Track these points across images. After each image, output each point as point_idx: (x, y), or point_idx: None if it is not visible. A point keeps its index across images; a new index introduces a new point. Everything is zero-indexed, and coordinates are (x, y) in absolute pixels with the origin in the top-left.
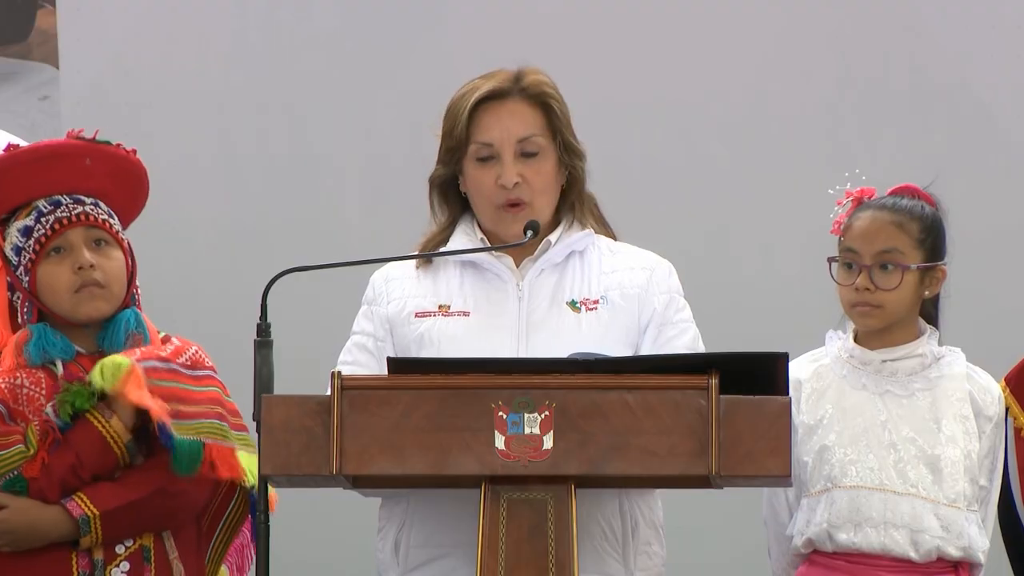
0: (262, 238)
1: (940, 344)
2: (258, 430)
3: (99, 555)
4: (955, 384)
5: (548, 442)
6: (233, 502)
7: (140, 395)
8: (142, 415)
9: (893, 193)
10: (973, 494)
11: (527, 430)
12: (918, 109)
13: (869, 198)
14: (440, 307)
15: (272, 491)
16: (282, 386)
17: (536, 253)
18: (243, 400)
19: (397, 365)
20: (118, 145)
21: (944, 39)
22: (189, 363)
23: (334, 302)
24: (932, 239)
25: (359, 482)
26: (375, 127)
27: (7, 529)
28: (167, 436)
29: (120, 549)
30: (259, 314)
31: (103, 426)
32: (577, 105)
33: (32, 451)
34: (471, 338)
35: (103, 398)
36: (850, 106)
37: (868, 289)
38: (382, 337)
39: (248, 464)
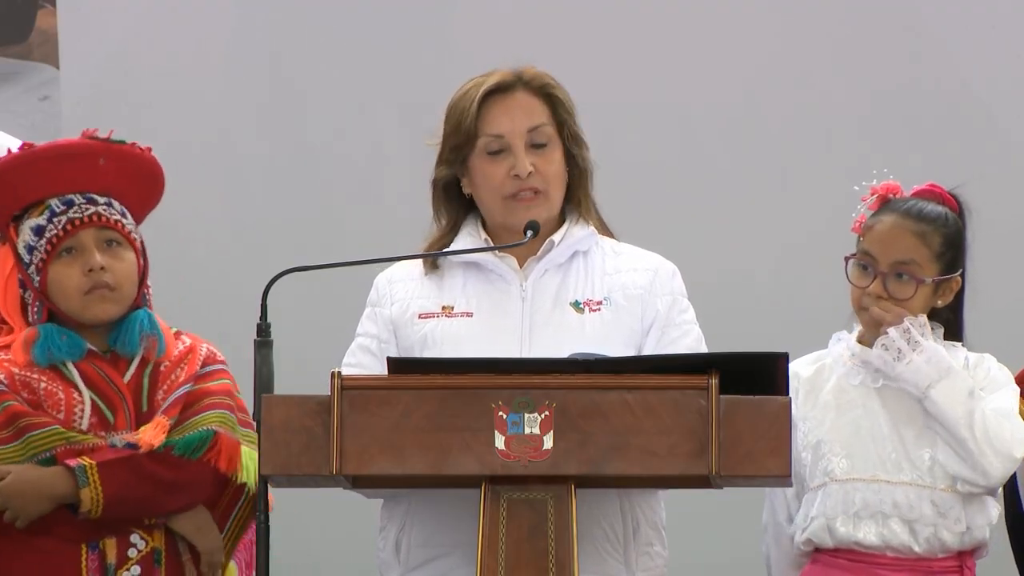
0: (262, 238)
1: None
2: (258, 430)
3: (112, 559)
4: None
5: (548, 442)
6: (242, 500)
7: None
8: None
9: (917, 195)
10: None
11: (527, 430)
12: (918, 109)
13: (895, 195)
14: (443, 308)
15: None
16: (282, 386)
17: (539, 253)
18: (243, 400)
19: (397, 365)
20: (133, 144)
21: (944, 39)
22: (203, 360)
23: (334, 302)
24: (952, 252)
25: (359, 482)
26: (375, 127)
27: (11, 493)
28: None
29: (132, 552)
30: (259, 314)
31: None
32: (577, 105)
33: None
34: (474, 339)
35: None
36: (851, 106)
37: (880, 296)
38: (386, 339)
39: (250, 461)
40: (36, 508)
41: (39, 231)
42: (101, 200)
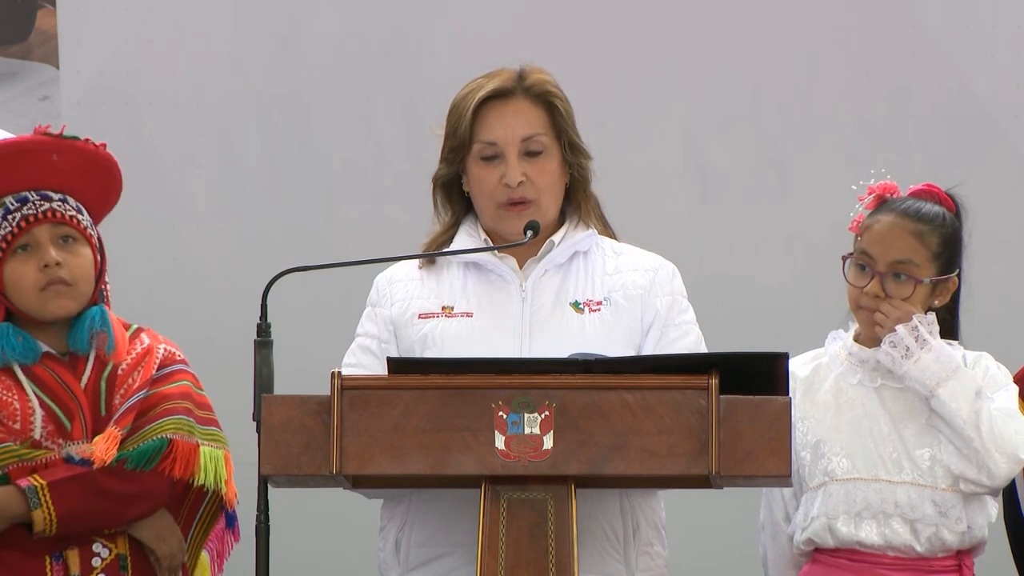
0: (262, 238)
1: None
2: (258, 430)
3: (76, 569)
4: None
5: (548, 442)
6: (205, 501)
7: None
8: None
9: (915, 194)
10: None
11: (527, 430)
12: (918, 109)
13: (892, 195)
14: (443, 308)
15: (232, 487)
16: (282, 386)
17: (540, 254)
18: (243, 400)
19: (397, 365)
20: (87, 140)
21: (944, 39)
22: (160, 362)
23: (334, 302)
24: (949, 252)
25: (359, 482)
26: (375, 127)
27: None
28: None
29: (96, 562)
30: (259, 314)
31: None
32: (577, 105)
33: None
34: (474, 339)
35: None
36: (851, 106)
37: (878, 296)
38: (386, 339)
39: (211, 460)
40: None
41: None
42: (56, 197)
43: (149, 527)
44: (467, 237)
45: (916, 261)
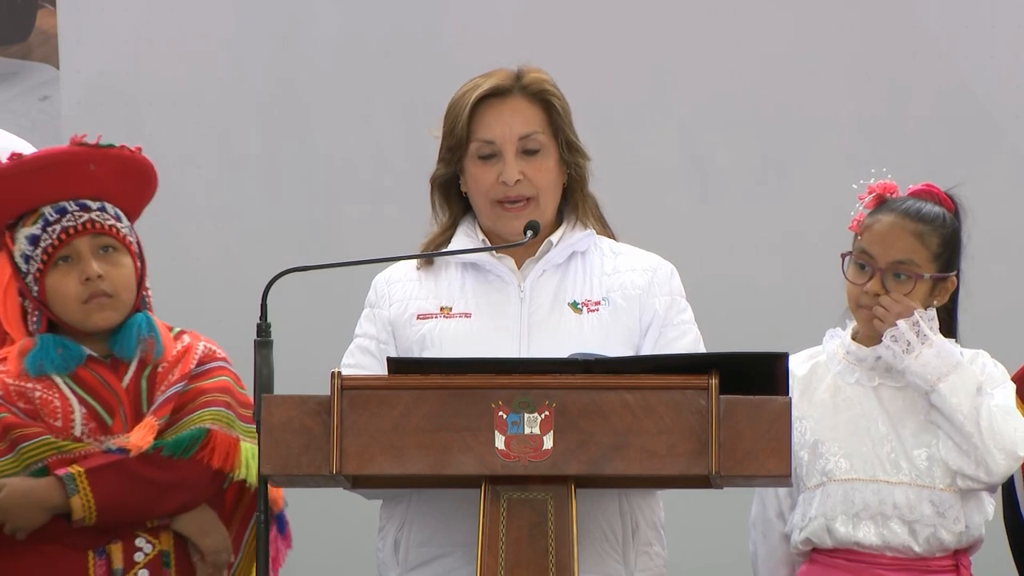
0: (263, 238)
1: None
2: (258, 430)
3: (118, 564)
4: None
5: (548, 442)
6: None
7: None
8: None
9: (914, 194)
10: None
11: (527, 430)
12: (918, 109)
13: (891, 195)
14: (442, 309)
15: (278, 490)
16: (282, 386)
17: (538, 254)
18: (248, 396)
19: (397, 365)
20: (122, 146)
21: (944, 39)
22: (199, 359)
23: (334, 302)
24: (949, 253)
25: (359, 482)
26: (375, 127)
27: (7, 506)
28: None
29: (139, 556)
30: (259, 314)
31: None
32: (577, 105)
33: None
34: (473, 340)
35: None
36: (851, 106)
37: (878, 294)
38: (384, 340)
39: (253, 457)
40: (31, 520)
41: (34, 240)
42: (94, 206)
43: (192, 521)
44: (465, 238)
45: (916, 261)
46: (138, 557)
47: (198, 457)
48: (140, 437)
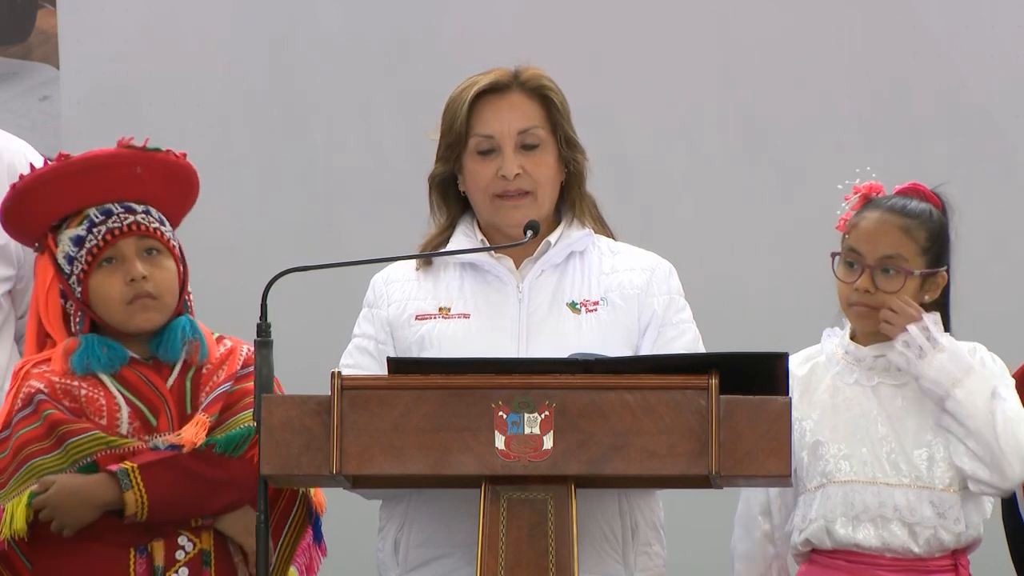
0: (262, 238)
1: None
2: (258, 430)
3: (159, 561)
4: None
5: (548, 442)
6: (297, 503)
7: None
8: None
9: (900, 193)
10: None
11: (527, 430)
12: (918, 109)
13: (877, 195)
14: (440, 309)
15: (320, 493)
16: (282, 386)
17: (536, 254)
18: None
19: (397, 365)
20: (168, 150)
21: (944, 39)
22: (244, 361)
23: (334, 302)
24: (937, 247)
25: (359, 482)
26: (375, 127)
27: (56, 503)
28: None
29: (180, 555)
30: (259, 314)
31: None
32: (577, 105)
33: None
34: (471, 340)
35: None
36: (850, 106)
37: (868, 291)
38: (383, 340)
39: None
40: (81, 517)
41: (79, 241)
42: (139, 208)
43: (237, 521)
44: (463, 238)
45: (905, 255)
46: (179, 555)
47: (248, 456)
48: (193, 433)
